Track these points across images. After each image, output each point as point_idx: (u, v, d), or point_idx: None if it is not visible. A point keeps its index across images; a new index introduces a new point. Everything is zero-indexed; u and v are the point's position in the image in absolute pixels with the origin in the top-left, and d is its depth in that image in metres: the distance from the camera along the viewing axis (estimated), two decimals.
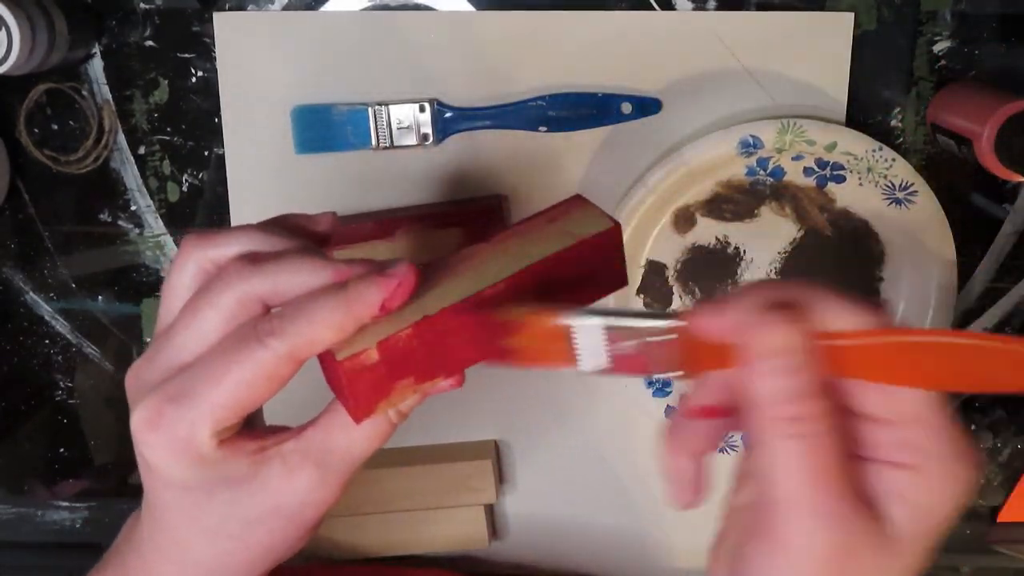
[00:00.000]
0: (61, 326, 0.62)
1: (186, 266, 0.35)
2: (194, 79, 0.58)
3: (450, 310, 0.33)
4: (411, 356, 0.33)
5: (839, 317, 0.30)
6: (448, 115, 0.57)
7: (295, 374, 0.33)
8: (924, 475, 0.29)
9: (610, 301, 0.58)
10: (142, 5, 0.56)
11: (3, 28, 0.49)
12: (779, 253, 0.59)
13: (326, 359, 0.33)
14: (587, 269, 0.36)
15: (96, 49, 0.57)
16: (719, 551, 0.35)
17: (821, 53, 0.56)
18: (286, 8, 0.57)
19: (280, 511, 0.34)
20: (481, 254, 0.36)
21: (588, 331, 0.33)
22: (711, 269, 0.60)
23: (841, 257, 0.59)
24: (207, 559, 0.35)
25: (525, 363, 0.34)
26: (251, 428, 0.35)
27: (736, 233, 0.59)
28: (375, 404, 0.34)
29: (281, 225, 0.37)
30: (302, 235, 0.37)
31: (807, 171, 0.57)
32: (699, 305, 0.32)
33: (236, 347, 0.32)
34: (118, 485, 0.65)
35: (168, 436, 0.32)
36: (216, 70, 0.57)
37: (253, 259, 0.34)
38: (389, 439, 0.35)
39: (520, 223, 0.38)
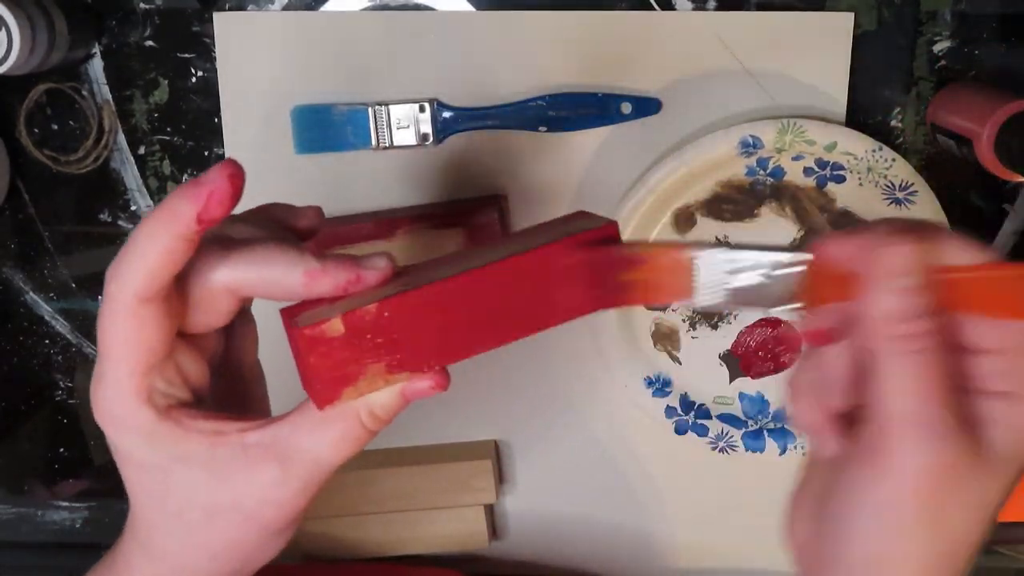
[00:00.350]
0: (61, 326, 0.62)
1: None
2: (194, 79, 0.58)
3: (431, 287, 0.32)
4: (383, 337, 0.31)
5: (957, 253, 0.31)
6: (448, 115, 0.57)
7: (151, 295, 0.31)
8: (1022, 400, 0.31)
9: None
10: (142, 5, 0.56)
11: (3, 28, 0.49)
12: None
13: (292, 332, 0.31)
14: (573, 280, 0.35)
15: (96, 49, 0.57)
16: (802, 497, 0.35)
17: (821, 53, 0.56)
18: (286, 8, 0.57)
19: (239, 506, 0.33)
20: (474, 250, 0.36)
21: (711, 264, 0.33)
22: None
23: None
24: (172, 546, 0.34)
25: (640, 300, 0.34)
26: (205, 408, 0.34)
27: (736, 233, 0.59)
28: (340, 389, 0.32)
29: (263, 215, 0.36)
30: (284, 228, 0.36)
31: (807, 171, 0.57)
32: (827, 237, 0.33)
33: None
34: (118, 485, 0.64)
35: (101, 396, 0.32)
36: (216, 70, 0.57)
37: (224, 244, 0.33)
38: (363, 447, 0.33)
39: (520, 230, 0.37)
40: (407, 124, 0.57)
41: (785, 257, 0.33)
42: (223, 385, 0.36)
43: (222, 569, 0.34)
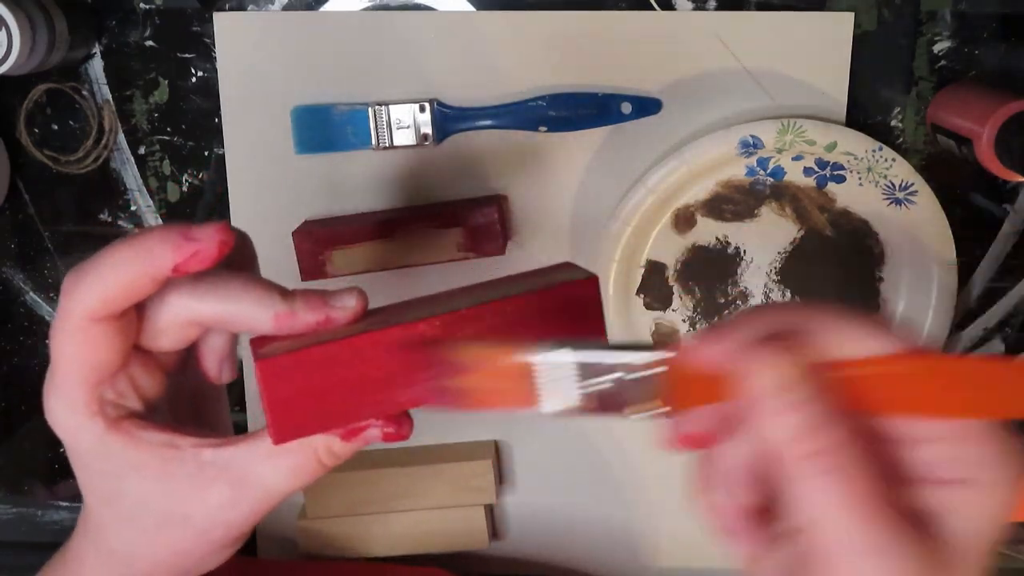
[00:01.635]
0: None
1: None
2: (194, 79, 0.58)
3: (376, 335, 0.30)
4: (335, 381, 0.31)
5: (851, 342, 0.28)
6: (448, 115, 0.57)
7: (112, 318, 0.31)
8: (978, 486, 0.28)
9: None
10: (142, 5, 0.56)
11: (3, 28, 0.49)
12: (779, 253, 0.59)
13: (255, 362, 0.31)
14: (558, 322, 0.33)
15: (96, 49, 0.57)
16: None
17: (821, 53, 0.56)
18: (286, 8, 0.57)
19: (189, 521, 0.33)
20: (448, 293, 0.34)
21: (555, 368, 0.29)
22: (711, 269, 0.60)
23: (841, 257, 0.59)
24: (121, 547, 0.34)
25: (476, 406, 0.30)
26: (159, 420, 0.34)
27: (736, 233, 0.59)
28: (292, 428, 0.31)
29: (241, 246, 0.35)
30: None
31: (807, 171, 0.57)
32: (692, 337, 0.29)
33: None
34: None
35: (52, 405, 0.32)
36: (216, 70, 0.57)
37: (193, 280, 0.32)
38: (316, 479, 0.33)
39: (505, 276, 0.35)
40: (407, 124, 0.57)
41: (639, 359, 0.29)
42: (181, 397, 0.36)
43: (166, 573, 0.35)
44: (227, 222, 0.31)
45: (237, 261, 0.34)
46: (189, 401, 0.37)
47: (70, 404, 0.32)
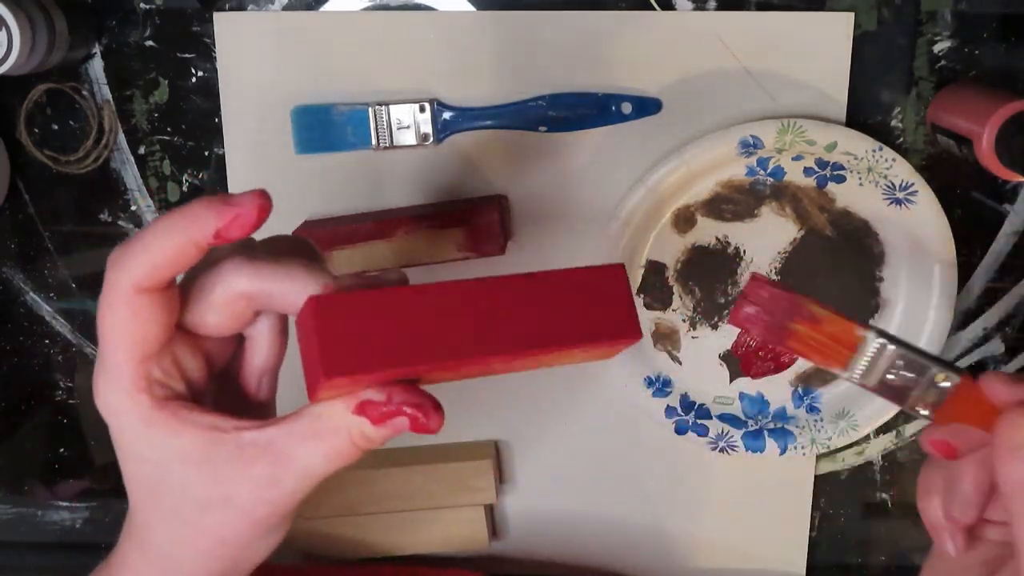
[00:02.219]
0: (61, 326, 0.62)
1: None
2: (194, 79, 0.58)
3: (449, 285, 0.32)
4: (393, 327, 0.31)
5: None
6: (448, 115, 0.57)
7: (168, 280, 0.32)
8: None
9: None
10: (142, 5, 0.57)
11: (3, 28, 0.49)
12: (779, 253, 0.59)
13: (305, 310, 0.31)
14: (585, 305, 0.34)
15: (96, 49, 0.57)
16: None
17: (821, 53, 0.56)
18: (286, 8, 0.57)
19: (231, 501, 0.33)
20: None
21: (878, 350, 0.36)
22: (711, 269, 0.60)
23: (841, 257, 0.59)
24: (165, 543, 0.35)
25: (796, 350, 0.37)
26: (202, 403, 0.34)
27: (736, 233, 0.59)
28: (343, 366, 0.31)
29: (285, 241, 0.37)
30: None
31: (807, 171, 0.57)
32: (994, 371, 0.37)
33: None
34: (118, 485, 0.64)
35: (102, 384, 0.33)
36: (216, 70, 0.57)
37: (250, 253, 0.33)
38: (351, 463, 0.34)
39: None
40: (407, 124, 0.57)
41: (947, 372, 0.36)
42: (226, 394, 0.37)
43: (213, 567, 0.35)
44: (264, 190, 0.32)
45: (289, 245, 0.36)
46: (233, 398, 0.37)
47: (117, 380, 0.33)
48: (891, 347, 0.36)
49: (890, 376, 0.36)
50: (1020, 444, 0.33)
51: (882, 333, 0.36)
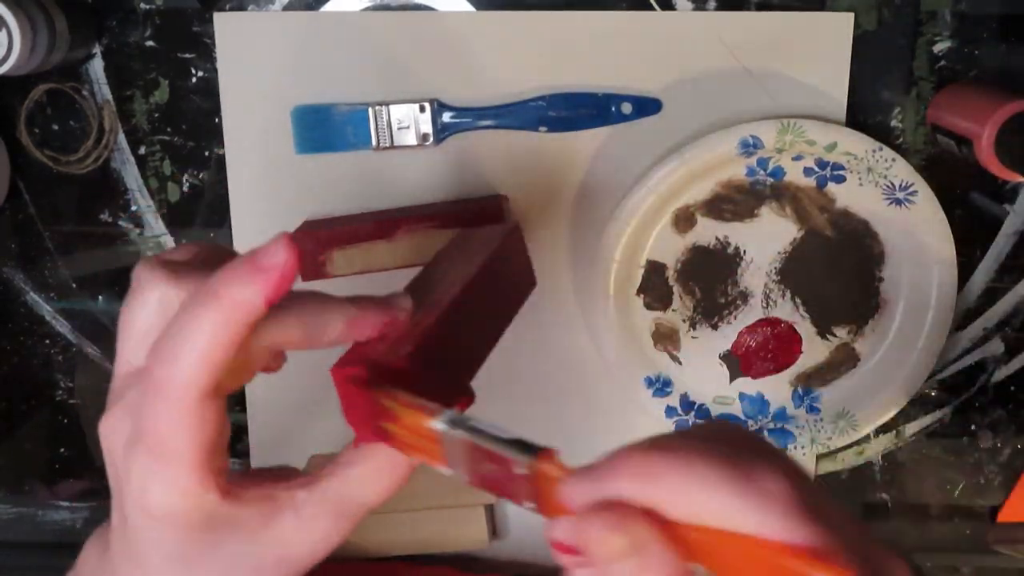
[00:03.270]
0: (61, 326, 0.62)
1: (148, 301, 0.33)
2: (194, 79, 0.58)
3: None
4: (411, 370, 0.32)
5: (701, 501, 0.26)
6: (448, 115, 0.57)
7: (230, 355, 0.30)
8: None
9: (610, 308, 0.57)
10: (142, 5, 0.57)
11: (3, 28, 0.49)
12: (779, 253, 0.59)
13: (336, 376, 0.32)
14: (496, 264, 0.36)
15: (96, 49, 0.57)
16: None
17: (821, 53, 0.56)
18: (286, 8, 0.57)
19: (287, 560, 0.33)
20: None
21: (454, 442, 0.30)
22: (711, 269, 0.60)
23: (841, 257, 0.59)
24: None
25: (402, 451, 0.32)
26: (245, 474, 0.34)
27: (736, 233, 0.59)
28: (380, 428, 0.32)
29: None
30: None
31: (807, 171, 0.57)
32: (566, 470, 0.30)
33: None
34: None
35: (158, 493, 0.31)
36: (216, 70, 0.57)
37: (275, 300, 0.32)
38: (407, 478, 0.34)
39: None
40: (407, 124, 0.57)
41: (522, 458, 0.30)
42: None
43: None
44: (285, 233, 0.30)
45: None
46: None
47: (180, 488, 0.31)
48: (461, 435, 0.29)
49: (478, 470, 0.30)
50: (609, 557, 0.27)
51: (457, 420, 0.29)
